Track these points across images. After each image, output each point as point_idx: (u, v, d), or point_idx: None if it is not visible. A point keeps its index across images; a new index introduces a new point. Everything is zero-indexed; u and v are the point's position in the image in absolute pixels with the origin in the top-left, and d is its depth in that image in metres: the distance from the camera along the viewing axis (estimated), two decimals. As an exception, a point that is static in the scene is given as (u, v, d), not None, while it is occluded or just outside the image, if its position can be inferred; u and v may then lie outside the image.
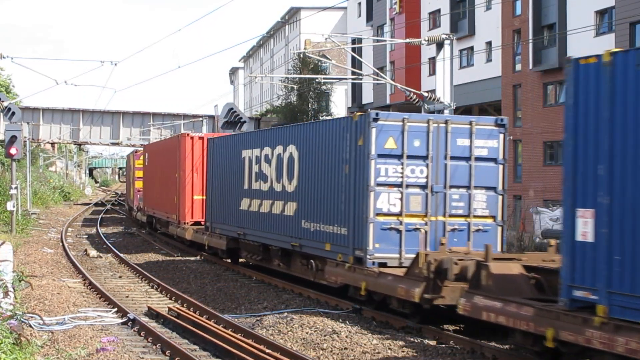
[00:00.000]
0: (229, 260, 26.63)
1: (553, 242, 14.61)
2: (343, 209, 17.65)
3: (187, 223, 30.00)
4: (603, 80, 10.69)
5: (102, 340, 14.63)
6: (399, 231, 16.92)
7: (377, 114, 16.94)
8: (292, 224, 20.27)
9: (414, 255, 15.73)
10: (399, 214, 16.97)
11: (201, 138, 30.02)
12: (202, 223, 28.64)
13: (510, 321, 12.27)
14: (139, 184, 44.22)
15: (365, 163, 16.85)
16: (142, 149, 46.65)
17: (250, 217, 23.33)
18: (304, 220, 19.53)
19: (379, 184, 16.87)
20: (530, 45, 47.38)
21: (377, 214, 16.84)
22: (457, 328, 15.73)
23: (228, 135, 25.79)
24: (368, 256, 16.76)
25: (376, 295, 16.75)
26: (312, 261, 19.67)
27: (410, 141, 17.05)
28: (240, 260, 26.26)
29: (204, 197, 28.50)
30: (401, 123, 17.04)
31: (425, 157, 17.15)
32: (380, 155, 16.88)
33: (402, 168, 16.98)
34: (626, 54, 10.59)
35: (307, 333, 15.14)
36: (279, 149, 21.15)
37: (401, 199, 16.96)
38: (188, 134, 30.94)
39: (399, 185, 17.00)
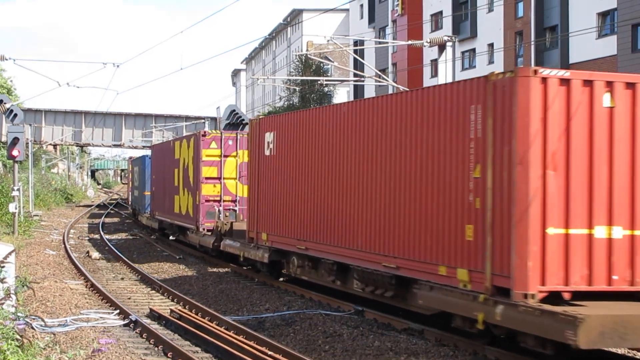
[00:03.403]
0: None
1: None
2: None
3: (534, 296, 11.77)
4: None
5: (100, 342, 14.66)
6: None
7: None
8: None
9: None
10: None
11: (591, 82, 12.12)
12: (565, 296, 11.81)
13: None
14: (207, 190, 29.23)
15: None
16: (200, 132, 30.18)
17: None
18: None
19: None
20: (533, 47, 47.39)
21: None
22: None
23: None
24: None
25: None
26: None
27: None
28: None
29: (571, 232, 11.92)
30: None
31: None
32: None
33: None
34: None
35: (309, 335, 15.14)
36: None
37: None
38: (536, 70, 11.99)
39: None
